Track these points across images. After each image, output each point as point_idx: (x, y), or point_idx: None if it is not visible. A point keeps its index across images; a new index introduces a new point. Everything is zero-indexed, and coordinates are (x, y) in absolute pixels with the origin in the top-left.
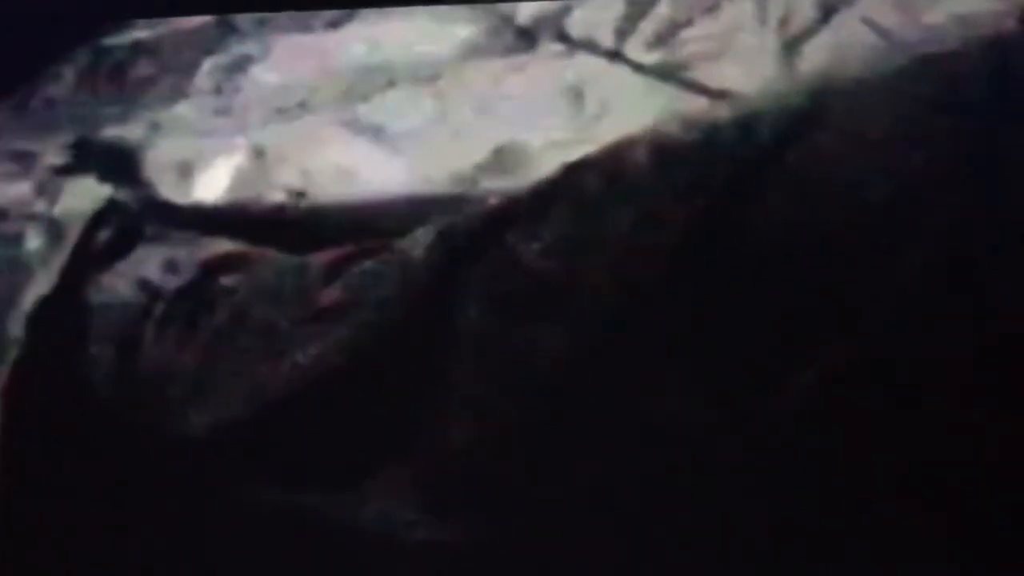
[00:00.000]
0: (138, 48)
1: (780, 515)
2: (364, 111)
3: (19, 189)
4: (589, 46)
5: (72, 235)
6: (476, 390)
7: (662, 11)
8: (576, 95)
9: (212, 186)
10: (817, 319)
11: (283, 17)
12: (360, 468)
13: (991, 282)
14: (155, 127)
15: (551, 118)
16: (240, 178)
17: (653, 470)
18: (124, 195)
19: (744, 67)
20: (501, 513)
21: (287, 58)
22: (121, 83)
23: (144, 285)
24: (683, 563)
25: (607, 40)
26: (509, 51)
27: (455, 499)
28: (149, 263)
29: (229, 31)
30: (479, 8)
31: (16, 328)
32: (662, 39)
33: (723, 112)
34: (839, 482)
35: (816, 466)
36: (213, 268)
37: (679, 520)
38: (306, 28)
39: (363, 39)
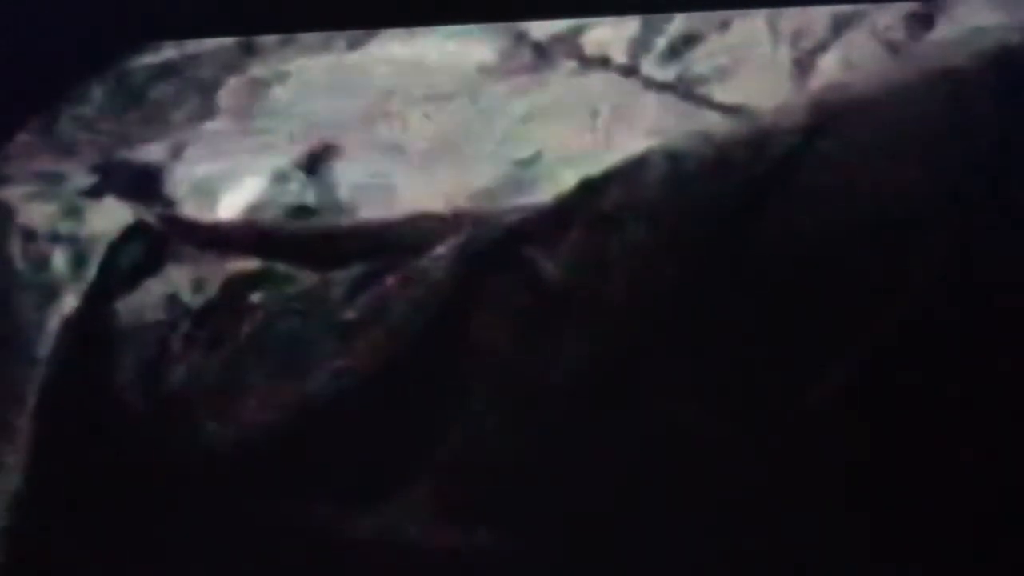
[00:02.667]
0: (161, 70)
1: (799, 523)
2: (384, 130)
3: (46, 210)
4: (604, 63)
5: (98, 255)
6: (496, 404)
7: (676, 28)
8: (592, 111)
9: (236, 205)
10: (830, 331)
11: (304, 38)
12: (383, 480)
13: (997, 293)
14: (179, 148)
15: (567, 135)
16: (263, 197)
17: (672, 481)
18: (149, 215)
19: (757, 83)
20: (521, 525)
21: (308, 79)
22: (145, 104)
23: (170, 302)
24: (694, 566)
25: (622, 57)
26: (526, 69)
27: (476, 511)
28: (175, 281)
29: (251, 52)
30: (496, 27)
31: (43, 348)
32: (676, 56)
33: (736, 127)
34: (857, 490)
35: (833, 475)
36: (237, 285)
37: (699, 530)
38: (327, 48)
39: (384, 59)
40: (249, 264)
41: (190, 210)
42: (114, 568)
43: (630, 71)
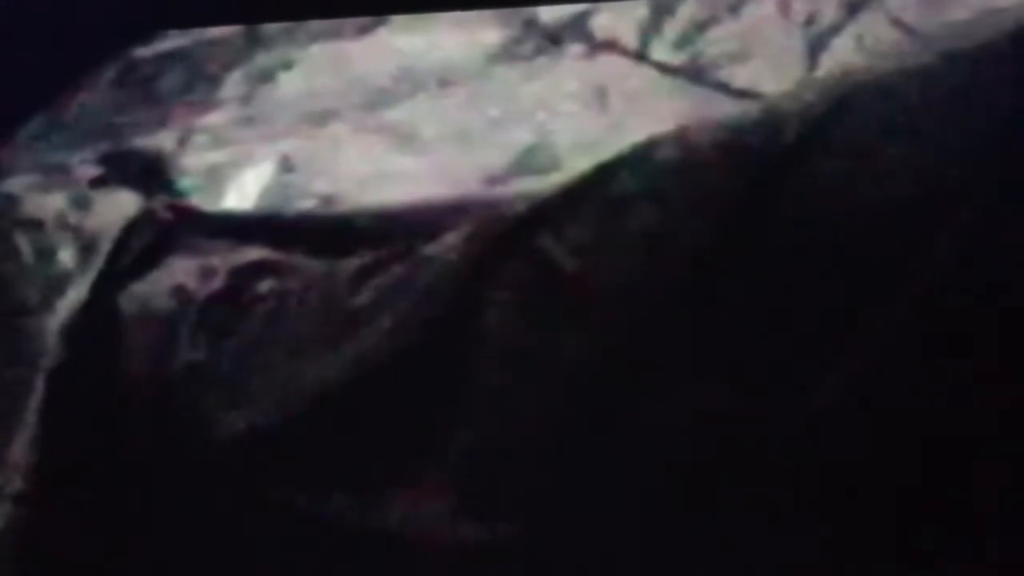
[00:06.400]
0: (168, 59)
1: (810, 508)
2: (393, 116)
3: (53, 201)
4: (614, 48)
5: (106, 245)
6: (507, 390)
7: (686, 12)
8: (602, 96)
9: (243, 194)
10: (844, 316)
11: (311, 25)
12: (392, 469)
13: (1015, 275)
14: (186, 137)
15: (577, 120)
16: (270, 185)
17: (684, 466)
18: (156, 205)
19: (770, 66)
20: (534, 512)
21: (315, 66)
22: (152, 94)
23: (177, 292)
24: (713, 555)
25: (632, 42)
26: (535, 54)
27: (487, 499)
28: (182, 271)
29: (257, 40)
30: (505, 13)
31: (51, 338)
32: (687, 40)
33: (749, 112)
34: (868, 477)
35: (846, 460)
36: (245, 275)
37: (710, 514)
38: (334, 36)
39: (392, 46)
40: (256, 253)
41: (197, 199)
42: (124, 555)
43: (640, 56)
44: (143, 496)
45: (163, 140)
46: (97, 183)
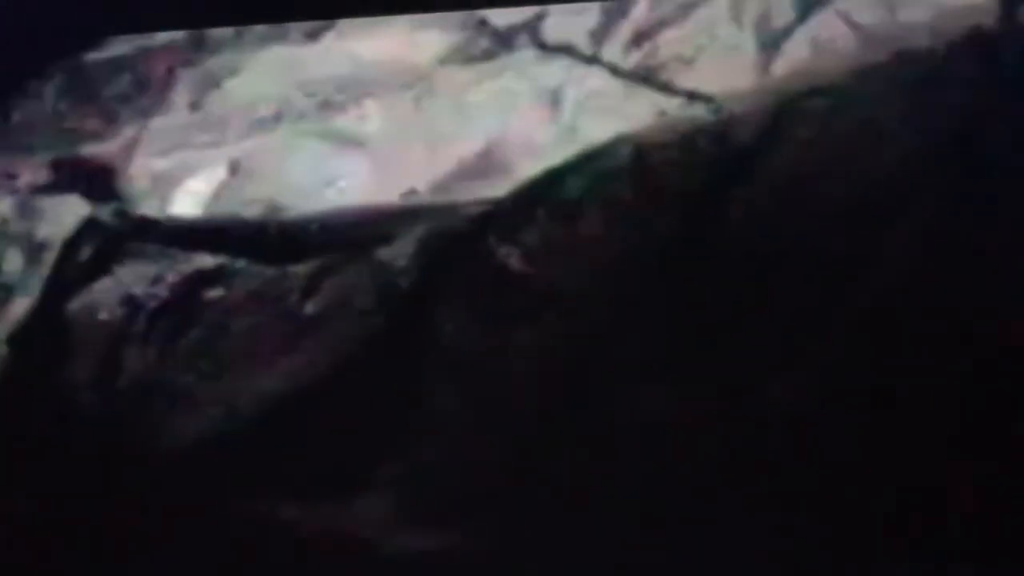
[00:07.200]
0: (115, 65)
1: (764, 513)
2: (342, 121)
3: (0, 208)
4: (566, 51)
5: (53, 254)
6: (459, 397)
7: (638, 14)
8: (553, 100)
9: (191, 200)
10: (799, 320)
11: (259, 30)
12: (343, 477)
13: (973, 277)
14: (133, 143)
15: (529, 123)
16: (218, 192)
17: (636, 473)
18: (104, 213)
19: (722, 68)
20: (483, 521)
21: (263, 71)
22: (99, 100)
23: (126, 301)
24: (666, 563)
25: (584, 44)
26: (486, 57)
27: (437, 507)
28: (130, 279)
29: (205, 46)
30: (455, 16)
31: None
32: (639, 42)
33: (701, 114)
34: (823, 481)
35: (799, 465)
36: (193, 282)
37: (662, 521)
38: (283, 40)
39: (340, 49)
40: (205, 260)
41: (145, 206)
42: (72, 565)
43: (592, 58)
44: (91, 505)
45: (110, 147)
46: (44, 190)
